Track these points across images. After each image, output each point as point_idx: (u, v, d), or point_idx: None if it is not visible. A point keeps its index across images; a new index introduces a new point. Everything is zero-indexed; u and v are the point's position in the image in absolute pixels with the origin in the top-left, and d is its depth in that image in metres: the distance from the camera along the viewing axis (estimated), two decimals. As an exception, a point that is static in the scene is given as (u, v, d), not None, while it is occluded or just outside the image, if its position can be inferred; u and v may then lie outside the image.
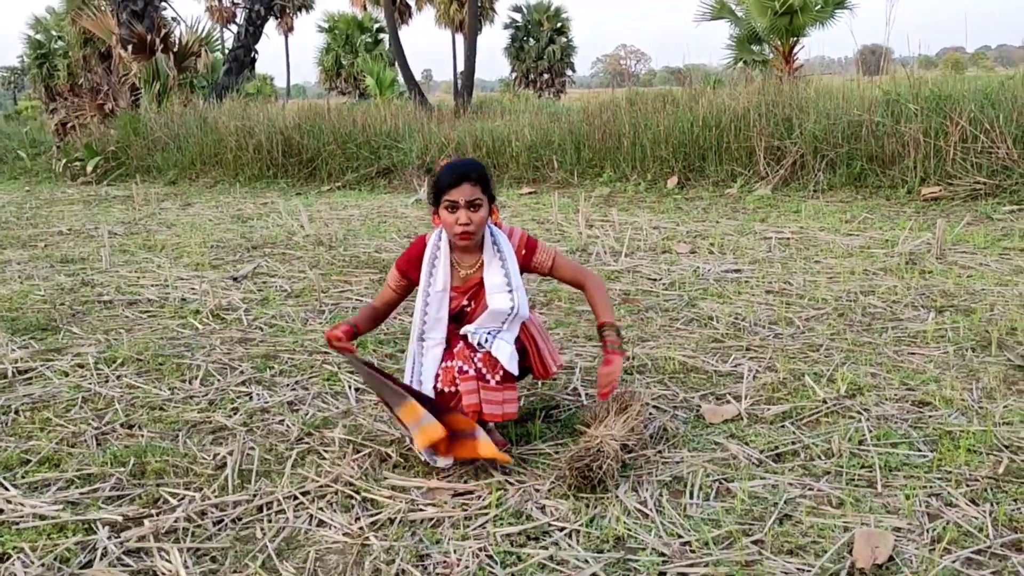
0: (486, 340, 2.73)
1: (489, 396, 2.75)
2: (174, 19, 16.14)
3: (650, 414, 3.10)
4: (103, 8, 16.26)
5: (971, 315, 4.19)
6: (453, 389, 2.78)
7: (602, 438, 2.71)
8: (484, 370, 2.75)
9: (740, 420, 3.08)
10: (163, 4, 15.21)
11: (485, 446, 2.66)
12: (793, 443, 2.86)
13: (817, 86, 9.52)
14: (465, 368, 2.76)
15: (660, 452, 2.84)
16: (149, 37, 13.44)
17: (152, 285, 5.50)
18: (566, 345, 4.01)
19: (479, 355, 2.75)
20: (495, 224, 2.89)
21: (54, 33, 31.97)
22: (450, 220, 2.76)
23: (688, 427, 3.04)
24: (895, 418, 3.01)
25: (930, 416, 3.02)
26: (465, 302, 2.88)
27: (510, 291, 2.80)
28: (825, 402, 3.17)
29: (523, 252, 2.92)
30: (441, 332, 2.84)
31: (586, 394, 3.38)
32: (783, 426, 3.01)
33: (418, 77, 25.17)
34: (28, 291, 5.37)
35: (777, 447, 2.84)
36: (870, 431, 2.90)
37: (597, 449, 2.64)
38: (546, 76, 44.47)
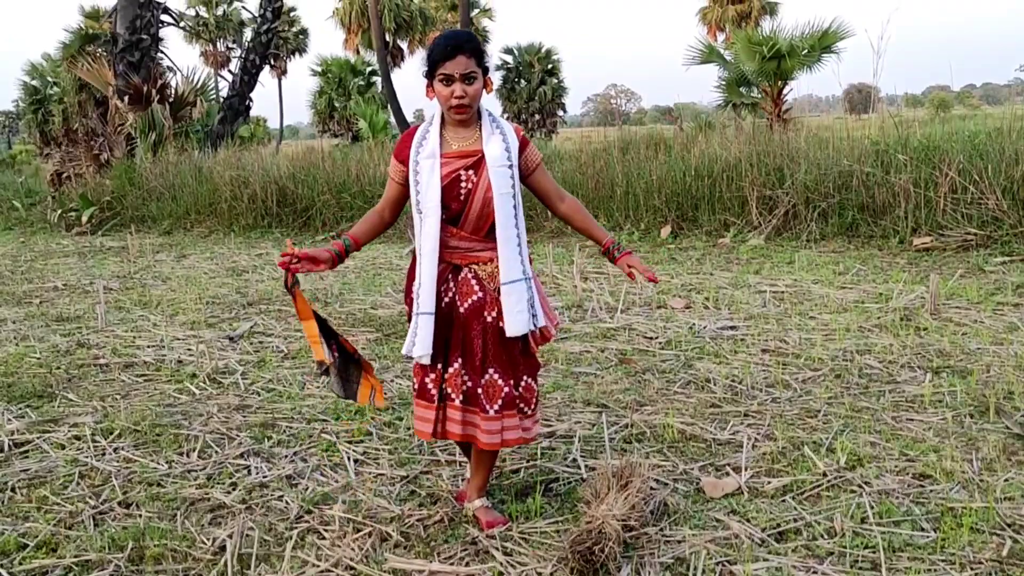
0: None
1: (489, 426, 2.76)
2: (169, 68, 16.28)
3: (651, 489, 3.09)
4: (100, 55, 16.39)
5: (967, 377, 4.20)
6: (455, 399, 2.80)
7: (603, 519, 2.70)
8: (484, 399, 2.76)
9: (741, 494, 3.07)
10: (160, 55, 15.35)
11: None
12: (795, 520, 2.85)
13: (807, 135, 9.60)
14: (453, 396, 2.78)
15: (661, 530, 2.83)
16: (145, 88, 13.54)
17: (148, 346, 5.49)
18: (563, 411, 4.01)
19: (483, 380, 2.76)
20: (488, 93, 2.83)
21: (49, 79, 32.11)
22: (445, 93, 2.72)
23: (689, 502, 3.03)
24: (896, 493, 3.01)
25: (931, 490, 3.02)
26: (463, 172, 2.75)
27: (510, 166, 2.75)
28: (825, 475, 3.17)
29: (520, 135, 2.85)
30: (433, 200, 2.72)
31: (586, 466, 3.37)
32: (784, 501, 3.01)
33: (410, 117, 25.44)
34: (24, 353, 5.35)
35: (779, 524, 2.83)
36: (872, 507, 2.90)
37: (599, 531, 2.63)
38: (537, 116, 44.78)
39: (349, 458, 3.54)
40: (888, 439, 3.50)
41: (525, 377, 2.86)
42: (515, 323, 2.74)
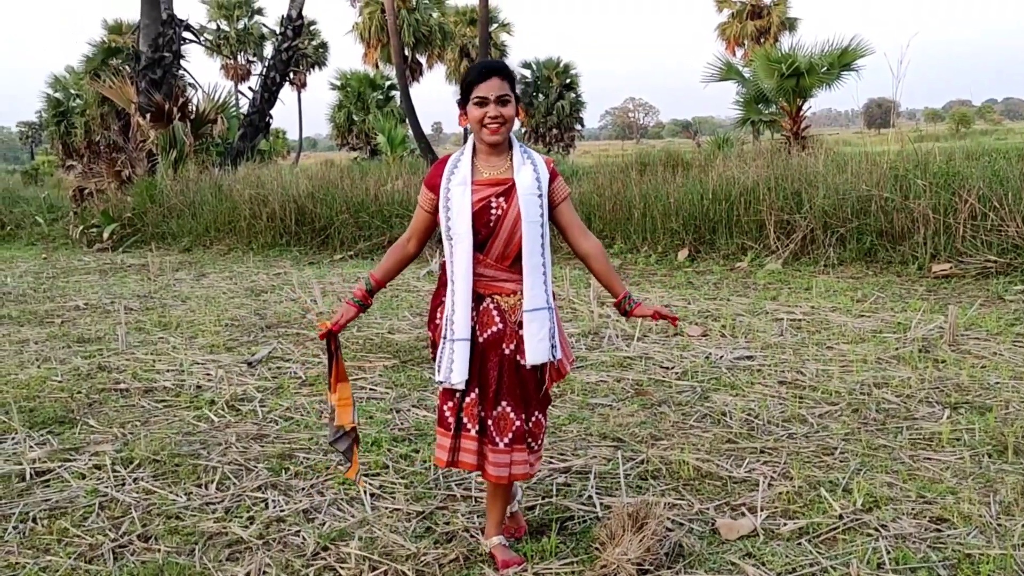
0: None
1: (497, 459, 2.78)
2: (191, 84, 16.46)
3: (666, 530, 3.09)
4: (123, 72, 16.61)
5: (986, 414, 4.18)
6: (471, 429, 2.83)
7: (618, 563, 2.71)
8: (494, 432, 2.79)
9: (756, 537, 3.07)
10: (181, 71, 15.54)
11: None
12: (811, 565, 2.85)
13: (825, 159, 9.58)
14: (468, 426, 2.80)
15: (676, 573, 2.83)
16: (167, 105, 13.71)
17: (168, 370, 5.54)
18: (579, 445, 4.02)
19: (495, 412, 2.79)
20: (520, 121, 2.89)
21: (72, 91, 32.57)
22: (479, 114, 2.75)
23: (704, 543, 3.03)
24: (913, 537, 3.00)
25: (948, 535, 3.00)
26: (493, 200, 2.78)
27: (540, 195, 2.78)
28: (842, 517, 3.16)
29: (551, 167, 2.89)
30: (464, 226, 2.76)
31: (601, 504, 3.38)
32: (800, 544, 3.00)
33: (428, 130, 25.62)
34: (46, 376, 5.42)
35: (794, 569, 2.82)
36: (888, 552, 2.89)
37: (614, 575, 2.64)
38: (555, 131, 44.91)
39: (365, 492, 3.56)
40: (905, 480, 3.49)
41: (536, 412, 2.88)
42: (536, 351, 2.77)
